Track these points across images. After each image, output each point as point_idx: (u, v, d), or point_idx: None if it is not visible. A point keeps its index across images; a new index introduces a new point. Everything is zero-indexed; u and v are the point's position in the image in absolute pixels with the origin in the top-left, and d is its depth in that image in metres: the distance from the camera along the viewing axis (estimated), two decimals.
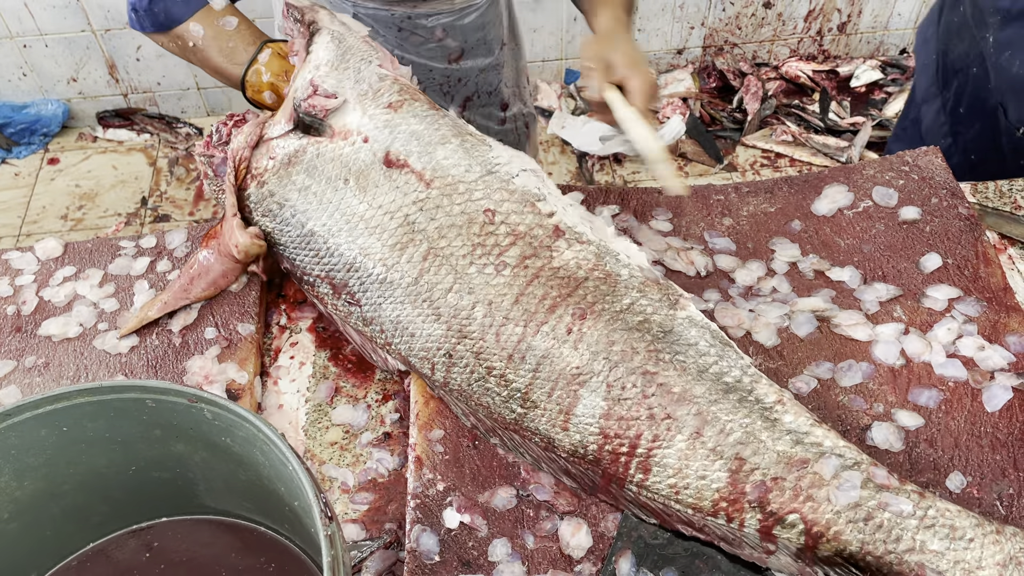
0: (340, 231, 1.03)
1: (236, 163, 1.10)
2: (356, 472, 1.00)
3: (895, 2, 3.00)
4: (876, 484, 0.83)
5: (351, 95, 1.09)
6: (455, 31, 1.43)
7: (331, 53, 1.11)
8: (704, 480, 0.86)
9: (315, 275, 1.06)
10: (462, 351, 0.96)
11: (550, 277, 0.96)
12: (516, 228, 0.99)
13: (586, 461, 0.91)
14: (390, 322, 1.01)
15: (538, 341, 0.93)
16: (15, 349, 1.11)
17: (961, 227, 1.16)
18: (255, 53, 1.20)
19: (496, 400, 0.95)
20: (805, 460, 0.85)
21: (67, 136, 3.03)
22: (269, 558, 0.85)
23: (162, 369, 1.08)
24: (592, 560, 0.88)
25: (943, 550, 0.80)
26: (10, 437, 0.73)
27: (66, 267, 1.20)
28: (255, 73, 1.19)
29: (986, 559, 0.79)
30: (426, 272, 0.98)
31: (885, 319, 1.07)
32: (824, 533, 0.83)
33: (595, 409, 0.90)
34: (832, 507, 0.83)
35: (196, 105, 3.05)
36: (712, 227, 1.20)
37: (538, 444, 0.94)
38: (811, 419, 0.88)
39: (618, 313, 0.93)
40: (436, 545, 0.89)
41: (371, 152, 1.05)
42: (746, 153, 2.88)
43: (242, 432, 0.73)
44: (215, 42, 1.20)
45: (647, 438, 0.88)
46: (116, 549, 0.86)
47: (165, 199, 2.80)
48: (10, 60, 2.86)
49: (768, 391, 0.89)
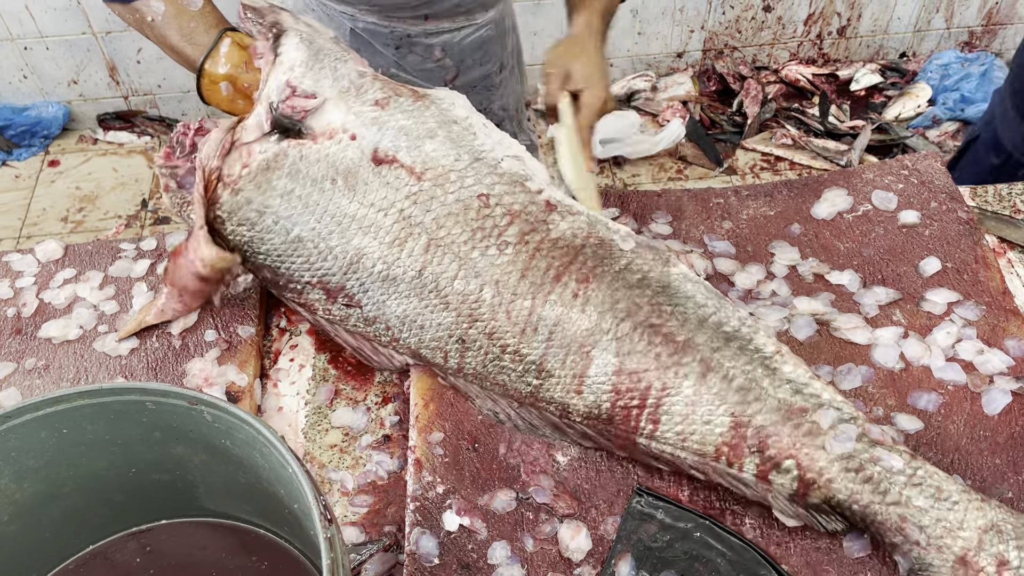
0: (331, 234, 1.02)
1: (206, 173, 1.05)
2: (356, 475, 1.00)
3: (895, 6, 3.01)
4: (871, 439, 0.87)
5: (331, 94, 1.05)
6: (453, 50, 1.42)
7: (303, 54, 1.06)
8: (708, 425, 0.90)
9: (304, 282, 1.05)
10: (474, 334, 0.98)
11: (551, 248, 0.98)
12: (511, 208, 1.01)
13: (600, 421, 0.94)
14: (396, 318, 1.01)
15: (548, 310, 0.95)
16: (15, 351, 1.11)
17: (960, 231, 1.16)
18: (216, 39, 1.13)
19: (512, 376, 0.97)
20: (804, 409, 0.88)
21: (67, 138, 3.03)
22: (268, 560, 0.85)
23: (162, 371, 1.08)
24: (591, 563, 0.88)
25: (927, 507, 0.83)
26: (10, 439, 0.73)
27: (66, 269, 1.20)
28: (213, 62, 1.13)
29: (968, 521, 0.82)
30: (429, 264, 0.99)
31: (884, 323, 1.07)
32: (816, 480, 0.86)
33: (607, 367, 0.93)
34: (826, 456, 0.86)
35: (196, 107, 3.06)
36: (712, 230, 1.20)
37: (553, 414, 0.97)
38: (809, 372, 0.91)
39: (618, 273, 0.97)
40: (435, 548, 0.89)
41: (359, 150, 1.03)
42: (746, 156, 2.88)
43: (242, 434, 0.73)
44: (176, 20, 1.14)
45: (656, 388, 0.91)
46: (116, 551, 0.86)
47: None
48: (11, 62, 2.86)
49: (767, 342, 0.93)
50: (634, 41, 3.06)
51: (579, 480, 0.95)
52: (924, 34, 3.10)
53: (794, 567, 0.87)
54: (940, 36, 3.11)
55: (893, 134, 2.88)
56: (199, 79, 1.14)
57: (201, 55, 1.13)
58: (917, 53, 3.15)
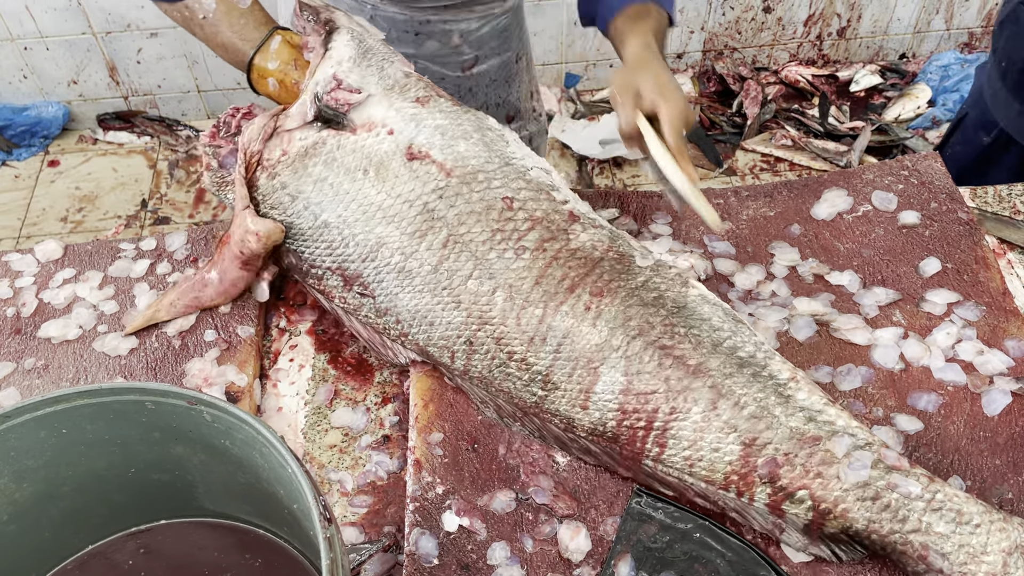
0: (356, 221, 1.03)
1: (247, 155, 1.09)
2: (355, 475, 1.00)
3: (894, 7, 3.01)
4: (887, 465, 0.84)
5: (376, 90, 1.08)
6: (472, 39, 1.43)
7: (352, 50, 1.10)
8: (718, 453, 0.88)
9: (325, 267, 1.06)
10: (483, 337, 0.97)
11: (568, 258, 0.98)
12: (534, 214, 1.01)
13: (605, 439, 0.93)
14: (407, 311, 1.01)
15: (558, 321, 0.95)
16: (14, 351, 1.11)
17: (960, 231, 1.16)
18: (265, 37, 1.17)
19: (517, 384, 0.97)
20: (817, 437, 0.86)
21: (67, 138, 3.03)
22: (267, 561, 0.85)
23: (161, 371, 1.08)
24: (591, 564, 0.88)
25: (948, 533, 0.81)
26: (9, 439, 0.73)
27: (66, 269, 1.20)
28: (262, 57, 1.17)
29: (991, 545, 0.80)
30: (446, 260, 0.99)
31: (884, 323, 1.07)
32: (832, 510, 0.84)
33: (614, 385, 0.92)
34: (841, 485, 0.84)
35: (196, 108, 3.06)
36: (712, 231, 1.20)
37: (557, 426, 0.96)
38: (824, 398, 0.89)
39: (633, 290, 0.96)
40: (435, 548, 0.89)
41: (394, 144, 1.05)
42: (746, 157, 2.88)
43: (241, 435, 0.73)
44: (227, 17, 1.18)
45: (664, 411, 0.90)
46: (115, 551, 0.86)
47: (165, 202, 2.80)
48: (11, 62, 2.86)
49: (782, 368, 0.91)
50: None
51: (579, 481, 0.95)
52: (924, 35, 3.10)
53: (793, 568, 0.87)
54: (940, 37, 3.11)
55: (893, 135, 2.88)
56: (249, 72, 1.18)
57: (251, 49, 1.16)
58: (917, 54, 3.15)
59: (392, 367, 1.10)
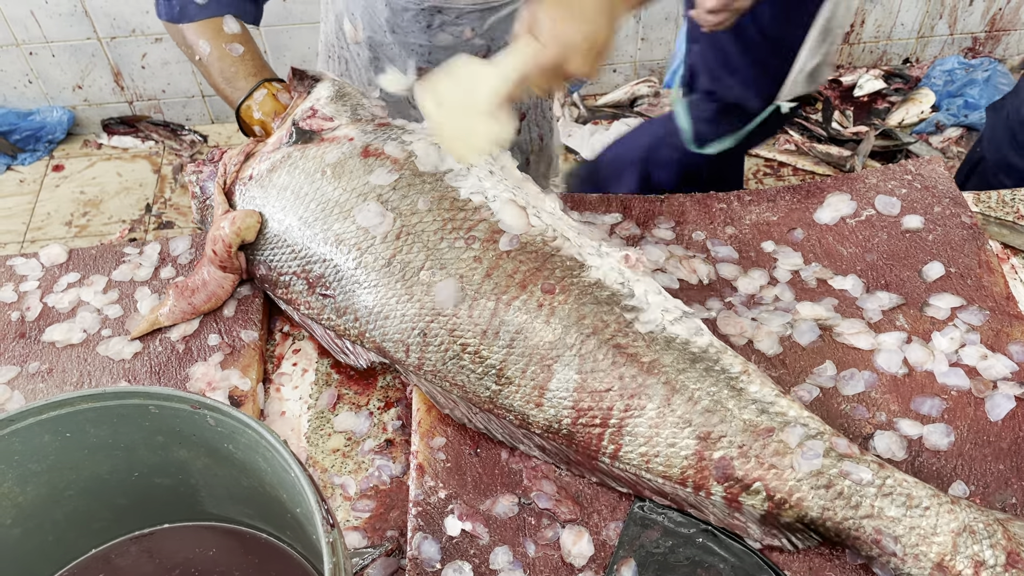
0: (315, 220, 1.06)
1: (226, 171, 1.16)
2: (358, 479, 1.00)
3: (898, 12, 3.01)
4: (838, 453, 0.86)
5: (346, 119, 1.16)
6: (483, 29, 1.43)
7: (330, 92, 1.19)
8: (673, 448, 0.89)
9: (291, 272, 1.08)
10: (436, 328, 0.98)
11: (519, 251, 0.99)
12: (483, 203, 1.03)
13: (560, 436, 0.94)
14: (364, 308, 1.02)
15: (511, 316, 0.95)
16: (19, 355, 1.11)
17: (964, 236, 1.16)
18: (252, 88, 1.25)
19: (471, 378, 0.97)
20: (770, 429, 0.88)
21: (72, 143, 3.04)
22: (270, 565, 0.85)
23: (165, 375, 1.08)
24: (594, 568, 0.88)
25: (900, 516, 0.83)
26: (13, 443, 0.73)
27: (70, 273, 1.20)
28: (247, 108, 1.25)
29: (941, 526, 0.82)
30: (399, 252, 1.01)
31: (887, 328, 1.07)
32: (787, 500, 0.86)
33: (568, 383, 0.92)
34: (795, 475, 0.86)
35: (201, 113, 3.06)
36: (715, 235, 1.20)
37: (511, 422, 0.96)
38: (776, 390, 0.91)
39: (587, 287, 0.96)
40: (437, 553, 0.89)
41: (352, 146, 1.10)
42: (749, 162, 2.88)
43: (244, 439, 0.73)
44: (219, 63, 1.26)
45: (619, 408, 0.91)
46: (118, 555, 0.86)
47: (169, 206, 2.81)
48: (16, 67, 2.87)
49: (734, 361, 0.93)
50: (637, 47, 3.06)
51: (581, 485, 0.95)
52: (927, 40, 3.10)
53: (796, 573, 0.87)
54: (943, 42, 3.11)
55: (896, 140, 2.88)
56: (238, 115, 1.26)
57: (239, 98, 1.25)
58: (920, 59, 3.15)
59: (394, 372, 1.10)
